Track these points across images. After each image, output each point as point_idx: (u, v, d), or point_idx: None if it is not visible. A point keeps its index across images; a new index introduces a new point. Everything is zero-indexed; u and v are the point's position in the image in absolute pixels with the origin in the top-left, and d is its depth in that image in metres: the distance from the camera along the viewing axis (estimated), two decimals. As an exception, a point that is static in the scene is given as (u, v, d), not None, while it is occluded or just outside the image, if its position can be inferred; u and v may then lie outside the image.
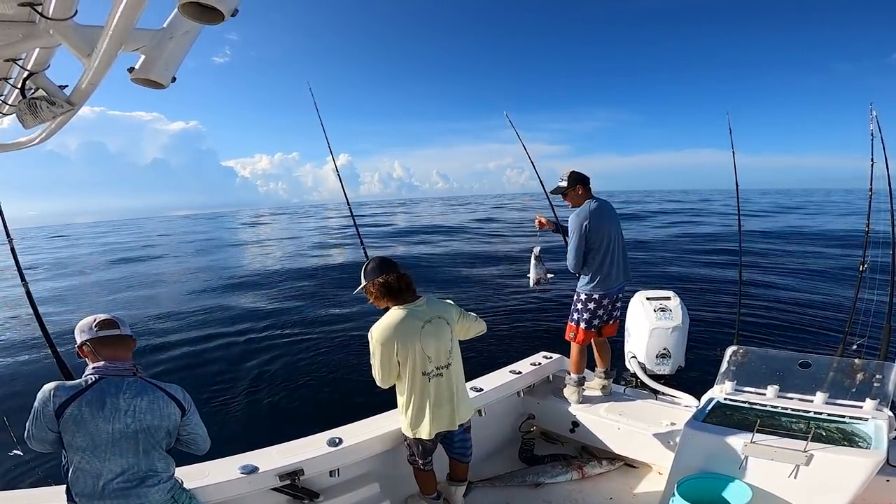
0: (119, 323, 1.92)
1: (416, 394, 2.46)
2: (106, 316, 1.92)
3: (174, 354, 7.79)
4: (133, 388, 1.83)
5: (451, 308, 2.58)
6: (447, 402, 2.50)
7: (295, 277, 14.51)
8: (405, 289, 2.45)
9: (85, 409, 1.72)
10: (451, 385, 2.50)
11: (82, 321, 1.90)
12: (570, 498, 2.96)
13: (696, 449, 2.49)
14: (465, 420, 2.62)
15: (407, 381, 2.45)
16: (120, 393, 1.79)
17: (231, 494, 2.23)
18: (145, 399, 1.83)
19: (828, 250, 15.62)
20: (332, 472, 2.52)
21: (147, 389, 1.86)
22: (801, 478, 2.19)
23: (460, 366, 2.60)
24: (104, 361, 1.84)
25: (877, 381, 2.57)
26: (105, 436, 1.75)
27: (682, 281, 11.35)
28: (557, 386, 3.70)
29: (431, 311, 2.47)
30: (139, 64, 1.46)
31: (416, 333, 2.39)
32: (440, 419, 2.49)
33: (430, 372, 2.44)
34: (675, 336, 4.09)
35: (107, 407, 1.75)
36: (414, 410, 2.49)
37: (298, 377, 6.66)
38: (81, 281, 17.57)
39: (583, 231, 3.17)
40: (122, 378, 1.83)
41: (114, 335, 1.88)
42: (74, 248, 34.23)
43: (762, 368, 2.91)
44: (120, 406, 1.78)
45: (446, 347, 2.48)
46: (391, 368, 2.43)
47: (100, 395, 1.76)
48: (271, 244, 28.19)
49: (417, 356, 2.40)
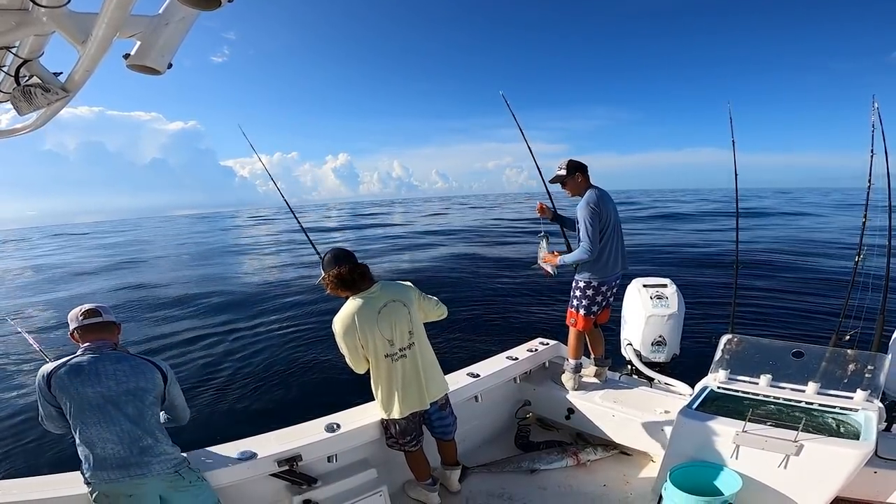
0: (102, 311, 2.11)
1: (383, 377, 2.55)
2: (91, 305, 2.11)
3: (172, 350, 7.84)
4: (112, 357, 2.01)
5: (408, 290, 2.64)
6: (414, 382, 2.58)
7: (288, 270, 14.57)
8: (359, 279, 2.51)
9: (64, 376, 1.90)
10: (416, 365, 2.57)
11: (72, 311, 2.09)
12: (564, 484, 3.01)
13: (689, 437, 2.53)
14: (437, 398, 2.68)
15: (373, 365, 2.55)
16: (99, 361, 1.97)
17: (230, 480, 2.26)
18: (127, 364, 2.00)
19: (824, 243, 15.68)
20: (330, 458, 2.55)
21: (128, 357, 2.05)
22: (791, 468, 2.23)
23: (426, 345, 2.67)
24: (89, 343, 2.03)
25: (868, 371, 2.60)
26: (88, 399, 1.89)
27: (679, 268, 11.41)
28: (554, 372, 3.73)
29: (386, 296, 2.53)
30: (135, 50, 1.44)
31: (373, 319, 2.45)
32: (410, 399, 2.56)
33: (392, 354, 2.52)
34: (670, 324, 4.11)
35: (84, 371, 1.92)
36: (384, 393, 2.58)
37: (295, 364, 6.71)
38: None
39: (595, 215, 3.12)
40: (101, 350, 2.01)
41: (96, 322, 2.07)
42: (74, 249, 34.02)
43: (756, 357, 2.94)
44: (100, 371, 1.94)
45: (405, 329, 2.54)
46: (358, 356, 2.52)
47: (77, 363, 1.94)
48: (269, 242, 28.19)
49: (378, 341, 2.47)
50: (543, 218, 3.56)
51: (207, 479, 2.13)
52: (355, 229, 32.96)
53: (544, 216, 3.55)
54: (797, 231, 19.47)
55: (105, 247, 31.63)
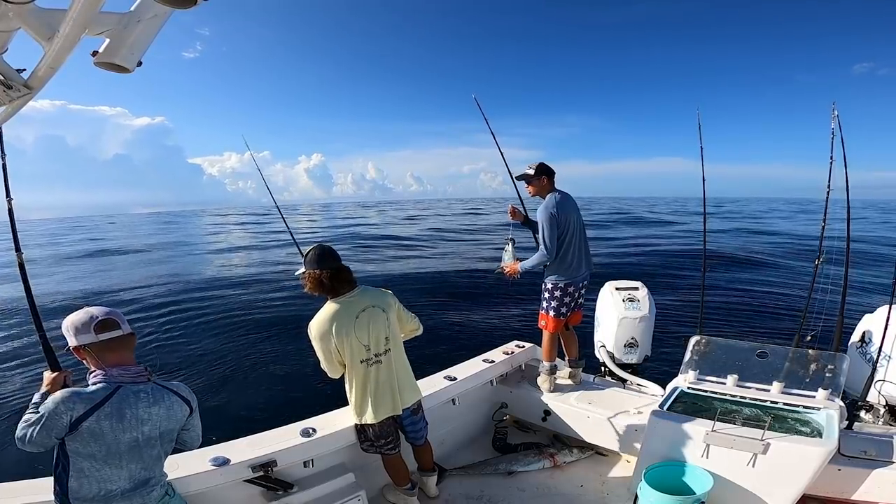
0: (119, 320, 1.74)
1: (358, 381, 2.53)
2: (103, 314, 1.72)
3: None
4: (150, 397, 1.74)
5: (388, 296, 2.63)
6: (388, 388, 2.56)
7: (255, 275, 14.33)
8: (339, 284, 2.48)
9: (105, 423, 1.62)
10: (391, 371, 2.57)
11: (75, 318, 1.71)
12: (542, 485, 3.03)
13: (662, 437, 2.59)
14: (410, 404, 2.67)
15: (348, 369, 2.53)
16: (139, 402, 1.70)
17: (203, 487, 2.19)
18: (163, 406, 1.77)
19: (787, 246, 16.30)
20: (306, 463, 2.51)
21: (163, 396, 1.78)
22: (759, 466, 2.31)
23: (401, 352, 2.66)
24: (116, 368, 1.71)
25: (829, 371, 2.72)
26: (122, 446, 1.68)
27: (650, 273, 11.68)
28: (530, 375, 3.77)
29: (364, 301, 2.51)
30: (103, 47, 1.38)
31: (350, 324, 2.43)
32: (384, 405, 2.55)
33: (368, 360, 2.50)
34: (642, 326, 4.20)
35: (126, 419, 1.67)
36: (357, 398, 2.56)
37: (268, 368, 6.58)
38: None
39: (553, 220, 3.25)
40: (138, 385, 1.73)
41: (118, 337, 1.72)
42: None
43: (723, 358, 3.03)
44: (140, 416, 1.70)
45: (382, 335, 2.53)
46: (333, 360, 2.50)
47: (119, 406, 1.66)
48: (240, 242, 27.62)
49: (354, 346, 2.45)
50: (514, 221, 3.62)
51: (176, 487, 2.06)
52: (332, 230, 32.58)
53: (515, 219, 3.62)
54: (761, 235, 20.16)
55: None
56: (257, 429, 2.60)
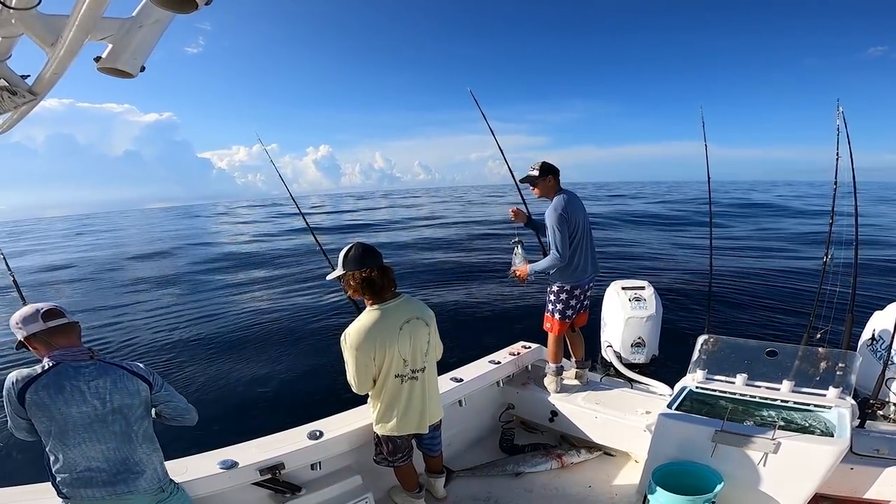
0: (63, 310, 1.87)
1: (387, 395, 2.38)
2: (47, 305, 1.85)
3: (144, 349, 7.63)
4: (93, 371, 1.81)
5: (430, 311, 2.48)
6: (417, 407, 2.43)
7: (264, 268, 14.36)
8: (387, 285, 2.32)
9: (42, 393, 1.71)
10: (423, 389, 2.44)
11: (20, 313, 1.82)
12: (549, 486, 3.02)
13: (670, 437, 2.57)
14: (434, 422, 2.58)
15: (379, 381, 2.37)
16: (79, 376, 1.78)
17: (211, 490, 2.21)
18: (108, 379, 1.82)
19: (795, 242, 16.16)
20: (314, 466, 2.51)
21: (108, 370, 1.85)
22: (770, 465, 2.28)
23: (434, 369, 2.54)
24: (59, 350, 1.81)
25: (840, 369, 2.68)
26: (73, 421, 1.74)
27: (656, 271, 11.61)
28: (537, 376, 3.75)
29: (409, 311, 2.35)
30: (106, 53, 1.39)
31: (393, 336, 2.27)
32: (409, 422, 2.43)
33: (403, 375, 2.35)
34: (649, 325, 4.18)
35: (66, 390, 1.74)
36: (382, 409, 2.43)
37: (277, 369, 6.60)
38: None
39: (563, 222, 3.18)
40: (79, 362, 1.81)
41: (64, 324, 1.83)
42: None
43: (731, 357, 3.01)
44: (82, 388, 1.76)
45: (423, 349, 2.39)
46: (368, 374, 2.32)
47: (56, 378, 1.74)
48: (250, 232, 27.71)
49: (393, 359, 2.29)
50: (518, 223, 3.58)
51: (185, 490, 2.07)
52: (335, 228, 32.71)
53: (518, 220, 3.58)
54: (770, 229, 19.99)
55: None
56: (265, 431, 2.60)
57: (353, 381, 2.35)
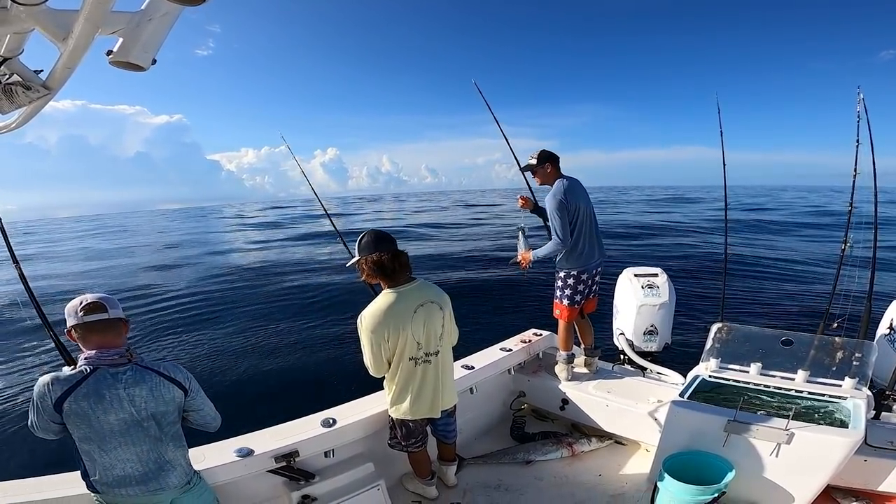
0: (107, 305, 1.78)
1: (401, 378, 2.44)
2: (93, 298, 1.77)
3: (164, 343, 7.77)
4: (130, 377, 1.78)
5: (446, 295, 2.51)
6: (430, 391, 2.47)
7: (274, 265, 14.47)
8: (400, 269, 2.34)
9: (83, 403, 1.69)
10: (437, 373, 2.47)
11: (71, 303, 1.78)
12: (560, 475, 3.03)
13: (682, 426, 2.56)
14: (448, 407, 2.61)
15: (393, 365, 2.42)
16: (118, 383, 1.75)
17: (228, 478, 2.25)
18: (145, 387, 1.79)
19: (812, 228, 15.86)
20: (327, 453, 2.55)
21: (145, 376, 1.81)
22: (783, 456, 2.26)
23: (450, 353, 2.58)
24: (95, 350, 1.76)
25: (856, 359, 2.64)
26: (110, 427, 1.74)
27: (669, 258, 11.49)
28: (548, 363, 3.75)
29: (424, 295, 2.39)
30: (117, 47, 1.39)
31: (407, 318, 2.31)
32: (422, 406, 2.47)
33: (417, 358, 2.40)
34: (662, 313, 4.14)
35: (106, 399, 1.72)
36: (396, 393, 2.48)
37: (290, 357, 6.69)
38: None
39: (562, 207, 3.21)
40: (117, 367, 1.77)
41: (101, 320, 1.76)
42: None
43: (746, 346, 2.97)
44: (121, 396, 1.74)
45: (437, 333, 2.42)
46: (383, 357, 2.38)
47: (96, 387, 1.71)
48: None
49: (407, 342, 2.34)
50: (524, 208, 3.61)
51: (204, 478, 2.11)
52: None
53: (525, 207, 3.61)
54: (787, 220, 19.63)
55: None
56: (280, 419, 2.64)
57: (369, 363, 2.41)
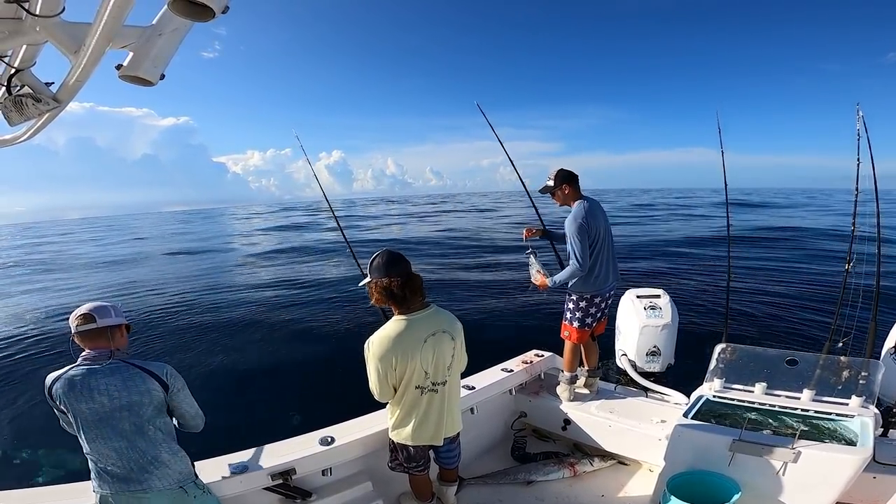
0: (97, 315, 1.94)
1: (406, 404, 2.36)
2: (85, 309, 1.94)
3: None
4: (107, 369, 1.89)
5: (458, 323, 2.42)
6: (435, 419, 2.39)
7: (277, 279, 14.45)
8: (411, 295, 2.25)
9: (60, 391, 1.84)
10: (442, 403, 2.39)
11: (74, 313, 1.96)
12: (562, 496, 2.97)
13: (686, 446, 2.52)
14: (451, 435, 2.53)
15: (399, 390, 2.35)
16: (91, 375, 1.87)
17: (222, 494, 2.22)
18: (119, 377, 1.89)
19: (815, 247, 15.82)
20: (325, 471, 2.52)
21: (121, 368, 1.91)
22: (790, 475, 2.22)
23: (457, 383, 2.50)
24: (88, 351, 1.94)
25: (862, 378, 2.61)
26: (84, 417, 1.84)
27: (672, 279, 11.46)
28: (549, 384, 3.72)
29: (436, 324, 2.30)
30: (127, 61, 1.43)
31: (416, 348, 2.23)
32: (424, 433, 2.39)
33: (424, 387, 2.32)
34: (664, 334, 4.11)
35: (77, 387, 1.84)
36: (399, 417, 2.41)
37: (288, 374, 6.63)
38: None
39: (584, 231, 3.11)
40: (95, 361, 1.90)
41: (90, 329, 1.92)
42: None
43: (750, 366, 2.95)
44: (91, 386, 1.85)
45: (445, 363, 2.34)
46: (389, 383, 2.31)
47: (70, 378, 1.86)
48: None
49: (415, 371, 2.26)
50: (531, 238, 3.54)
51: (212, 491, 2.09)
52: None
53: (532, 236, 3.54)
54: (788, 236, 19.60)
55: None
56: (277, 437, 2.61)
57: (374, 388, 2.34)
